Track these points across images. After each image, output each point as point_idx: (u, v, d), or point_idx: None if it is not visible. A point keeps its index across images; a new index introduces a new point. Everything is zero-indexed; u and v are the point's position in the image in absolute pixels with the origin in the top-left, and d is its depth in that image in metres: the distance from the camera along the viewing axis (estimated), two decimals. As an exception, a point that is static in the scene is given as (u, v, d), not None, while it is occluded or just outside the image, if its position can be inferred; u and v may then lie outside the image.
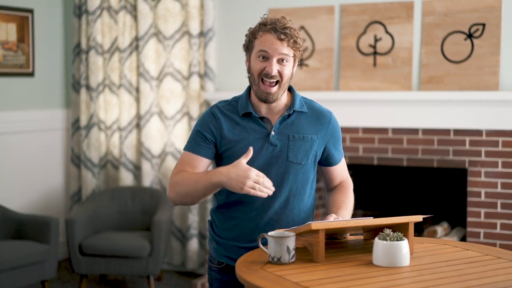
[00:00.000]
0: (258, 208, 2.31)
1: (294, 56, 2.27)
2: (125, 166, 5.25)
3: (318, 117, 2.36)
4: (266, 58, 2.24)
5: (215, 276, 2.45)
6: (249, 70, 2.30)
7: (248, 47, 2.30)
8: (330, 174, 2.46)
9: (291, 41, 2.23)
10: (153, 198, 4.91)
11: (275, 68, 2.23)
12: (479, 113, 4.16)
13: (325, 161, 2.41)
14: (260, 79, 2.25)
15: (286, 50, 2.24)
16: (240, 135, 2.30)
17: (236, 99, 2.38)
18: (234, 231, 2.35)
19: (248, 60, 2.31)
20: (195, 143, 2.33)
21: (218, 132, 2.32)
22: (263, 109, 2.32)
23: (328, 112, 2.40)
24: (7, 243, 4.34)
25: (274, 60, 2.23)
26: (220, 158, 2.35)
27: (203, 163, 2.32)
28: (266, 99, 2.26)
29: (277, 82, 2.25)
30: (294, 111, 2.32)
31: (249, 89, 2.36)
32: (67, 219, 4.56)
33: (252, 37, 2.27)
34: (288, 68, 2.27)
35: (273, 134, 2.30)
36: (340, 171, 2.47)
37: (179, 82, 5.11)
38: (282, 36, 2.22)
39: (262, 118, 2.31)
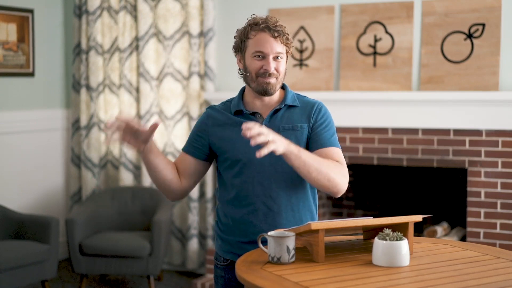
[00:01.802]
0: (256, 200, 2.33)
1: (287, 52, 2.35)
2: (125, 166, 5.25)
3: (307, 107, 2.39)
4: (262, 57, 2.31)
5: (220, 273, 2.46)
6: (245, 70, 2.36)
7: (240, 48, 2.36)
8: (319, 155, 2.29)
9: (284, 38, 2.31)
10: (153, 198, 4.91)
11: (272, 66, 2.30)
12: (479, 113, 4.16)
13: (312, 144, 2.33)
14: (257, 77, 2.32)
15: (280, 47, 2.31)
16: (232, 130, 2.35)
17: (230, 100, 2.46)
18: (236, 225, 2.37)
19: (241, 60, 2.37)
20: (189, 144, 2.44)
21: (211, 129, 2.39)
22: (256, 105, 2.37)
23: (317, 102, 2.42)
24: (7, 243, 4.34)
25: (271, 58, 2.30)
26: (216, 154, 2.41)
27: (192, 163, 2.41)
28: (267, 90, 2.32)
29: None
30: (285, 105, 2.37)
31: (243, 90, 2.43)
32: (67, 219, 4.56)
33: (244, 37, 2.33)
34: (283, 64, 2.34)
35: (264, 127, 2.30)
36: (327, 155, 2.28)
37: (179, 82, 5.11)
38: (276, 34, 2.29)
39: (254, 113, 2.37)
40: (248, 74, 2.33)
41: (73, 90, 5.46)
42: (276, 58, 2.31)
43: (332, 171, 2.22)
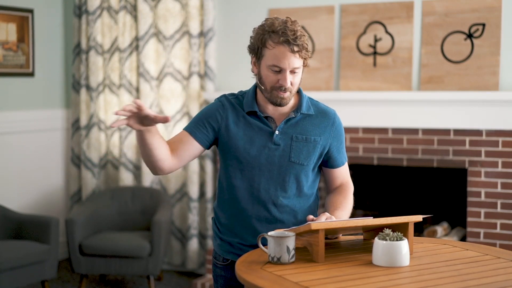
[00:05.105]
0: (260, 206, 2.32)
1: (304, 64, 2.26)
2: (125, 166, 5.25)
3: (323, 118, 2.36)
4: (279, 71, 2.22)
5: (220, 273, 2.45)
6: (259, 79, 2.28)
7: (256, 53, 2.26)
8: (331, 175, 2.45)
9: (303, 51, 2.22)
10: (153, 198, 4.91)
11: (289, 81, 2.22)
12: (479, 113, 4.16)
13: (327, 163, 2.42)
14: (272, 90, 2.25)
15: (298, 62, 2.22)
16: (244, 129, 2.31)
17: (242, 94, 2.38)
18: (237, 228, 2.36)
19: (256, 65, 2.28)
20: (195, 126, 2.33)
21: (224, 121, 2.32)
22: (269, 109, 2.32)
23: (332, 113, 2.39)
24: (7, 243, 4.34)
25: (288, 73, 2.22)
26: (223, 149, 2.35)
27: (192, 145, 2.30)
28: (281, 104, 2.27)
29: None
30: (300, 113, 2.32)
31: (255, 88, 2.36)
32: (67, 219, 4.56)
33: (261, 44, 2.23)
34: (299, 76, 2.26)
35: (277, 133, 2.30)
36: (342, 174, 2.46)
37: (179, 82, 5.11)
38: (296, 49, 2.19)
39: (267, 117, 2.32)
40: (263, 86, 2.26)
41: (73, 90, 5.46)
42: (293, 72, 2.23)
43: (351, 205, 2.47)
